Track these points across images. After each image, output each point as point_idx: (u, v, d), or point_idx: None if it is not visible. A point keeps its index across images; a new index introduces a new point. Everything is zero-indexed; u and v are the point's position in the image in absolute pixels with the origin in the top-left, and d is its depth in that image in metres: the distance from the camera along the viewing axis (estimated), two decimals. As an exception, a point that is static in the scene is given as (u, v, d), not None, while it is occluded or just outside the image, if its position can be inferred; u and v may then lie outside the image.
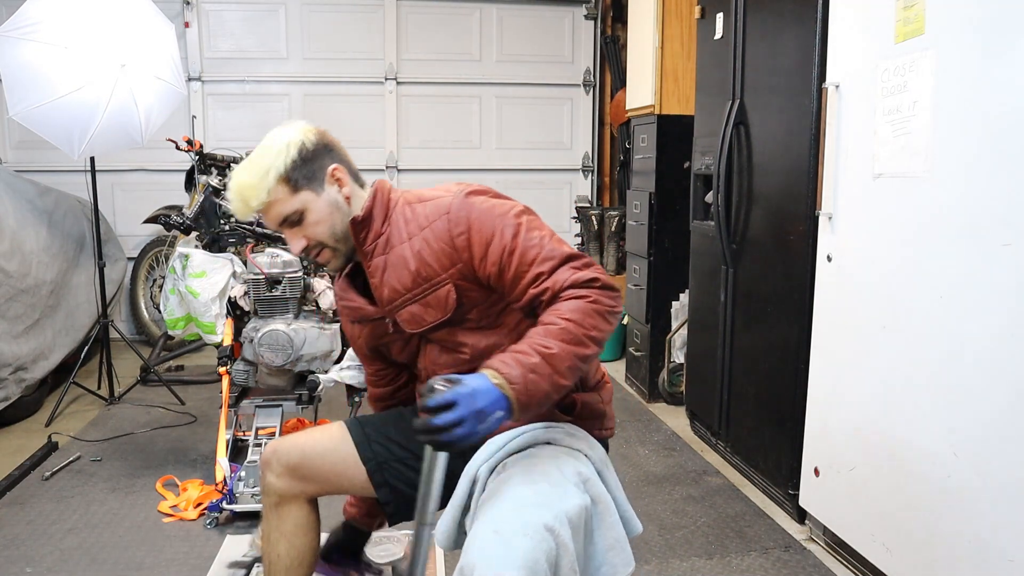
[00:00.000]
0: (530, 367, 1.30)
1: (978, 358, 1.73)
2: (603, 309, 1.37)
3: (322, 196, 1.48)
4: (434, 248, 1.45)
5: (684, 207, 3.47)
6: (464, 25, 5.30)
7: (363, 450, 1.62)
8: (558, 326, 1.34)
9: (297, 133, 1.49)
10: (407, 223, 1.49)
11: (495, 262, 1.42)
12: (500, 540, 1.23)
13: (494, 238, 1.42)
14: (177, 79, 3.37)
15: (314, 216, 1.48)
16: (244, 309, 2.85)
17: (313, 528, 1.68)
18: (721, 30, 3.05)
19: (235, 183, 1.47)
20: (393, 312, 1.52)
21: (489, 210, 1.44)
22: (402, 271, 1.48)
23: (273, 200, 1.46)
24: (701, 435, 3.39)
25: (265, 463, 1.65)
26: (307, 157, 1.47)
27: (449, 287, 1.45)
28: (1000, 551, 1.67)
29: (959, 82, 1.76)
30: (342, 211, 1.50)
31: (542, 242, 1.41)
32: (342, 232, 1.51)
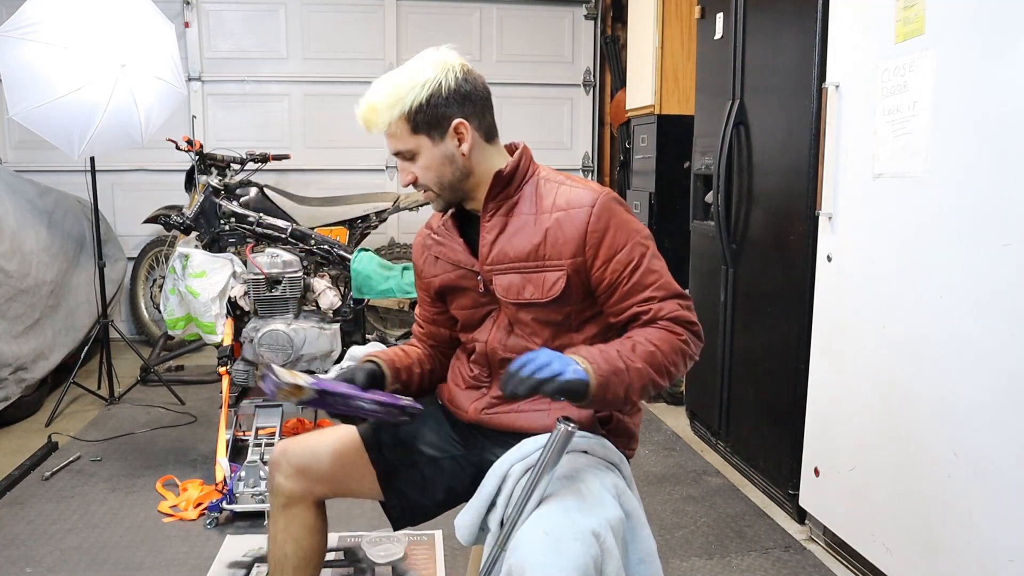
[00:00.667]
0: (614, 369, 1.33)
1: (978, 358, 1.73)
2: (688, 352, 1.42)
3: (438, 146, 1.46)
4: (566, 232, 1.45)
5: (684, 207, 3.48)
6: (464, 25, 5.30)
7: (373, 453, 1.60)
8: (647, 348, 1.38)
9: (441, 71, 1.44)
10: (541, 197, 1.49)
11: (616, 271, 1.44)
12: (551, 542, 1.22)
13: (623, 249, 1.44)
14: (177, 79, 3.37)
15: (425, 161, 1.47)
16: (244, 309, 2.86)
17: (320, 530, 1.66)
18: (721, 30, 3.06)
19: (366, 100, 1.46)
20: (490, 272, 1.51)
21: (628, 222, 1.47)
22: (522, 240, 1.47)
23: (392, 133, 1.46)
24: (701, 435, 3.39)
25: (274, 464, 1.63)
26: (437, 103, 1.43)
27: (562, 275, 1.45)
28: (1000, 551, 1.67)
29: (959, 82, 1.76)
30: (455, 164, 1.48)
31: (662, 271, 1.46)
32: (449, 182, 1.49)
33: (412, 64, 1.46)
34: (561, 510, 1.29)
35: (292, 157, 4.35)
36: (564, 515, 1.27)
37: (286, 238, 3.55)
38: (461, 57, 1.48)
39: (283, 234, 3.51)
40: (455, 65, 1.46)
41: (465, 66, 1.48)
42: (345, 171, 5.18)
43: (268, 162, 4.07)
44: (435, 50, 1.48)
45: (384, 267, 3.05)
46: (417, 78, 1.43)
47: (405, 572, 2.24)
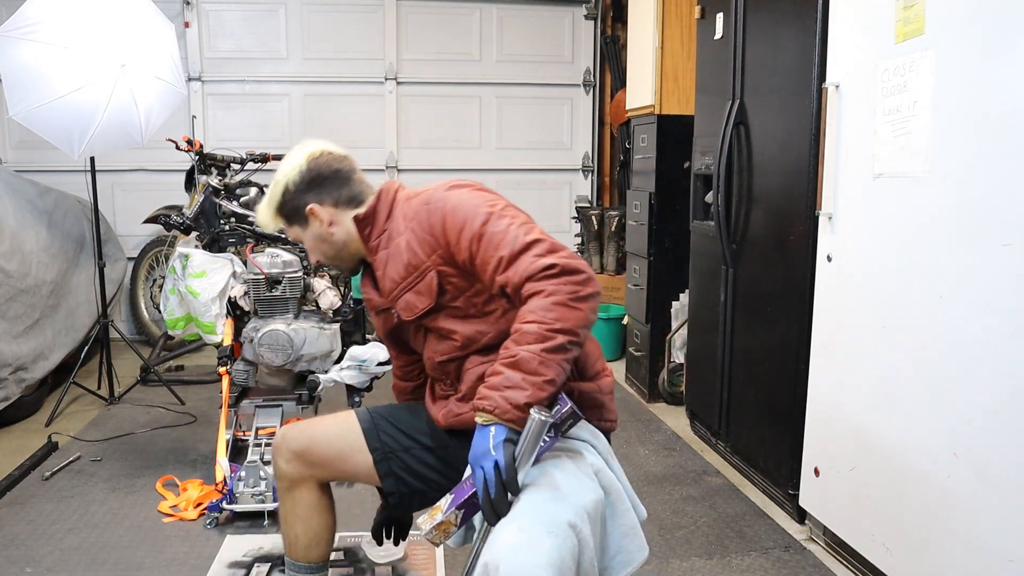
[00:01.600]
0: (504, 384, 1.35)
1: (978, 358, 1.73)
2: (564, 298, 1.37)
3: (308, 230, 1.67)
4: (419, 237, 1.54)
5: (684, 207, 3.48)
6: (464, 25, 5.30)
7: (370, 439, 1.68)
8: (520, 332, 1.38)
9: (289, 170, 1.65)
10: (403, 218, 1.60)
11: (466, 248, 1.48)
12: (525, 537, 1.23)
13: (465, 224, 1.48)
14: (177, 79, 3.37)
15: (307, 243, 1.70)
16: (244, 309, 2.85)
17: (327, 509, 1.77)
18: (721, 30, 3.06)
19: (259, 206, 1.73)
20: (393, 301, 1.62)
21: (464, 200, 1.52)
22: (398, 262, 1.58)
23: (281, 227, 1.72)
24: (701, 435, 3.39)
25: (275, 449, 1.74)
26: (289, 199, 1.65)
27: (432, 274, 1.53)
28: (1000, 551, 1.67)
29: (959, 82, 1.76)
30: (328, 241, 1.67)
31: (508, 229, 1.45)
32: (334, 254, 1.69)
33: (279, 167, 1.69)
34: (536, 504, 1.30)
35: (292, 157, 4.35)
36: (539, 508, 1.29)
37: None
38: (317, 143, 1.69)
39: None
40: (301, 159, 1.65)
41: (312, 155, 1.66)
42: (345, 171, 5.17)
43: (268, 162, 4.05)
44: (298, 146, 1.69)
45: (384, 267, 3.04)
46: (276, 180, 1.67)
47: (405, 572, 2.24)
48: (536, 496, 1.31)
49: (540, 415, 1.31)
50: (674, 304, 3.80)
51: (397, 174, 5.31)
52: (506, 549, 1.23)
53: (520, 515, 1.28)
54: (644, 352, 3.95)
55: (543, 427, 1.31)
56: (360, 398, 2.76)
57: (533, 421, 1.31)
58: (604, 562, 1.42)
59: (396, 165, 5.31)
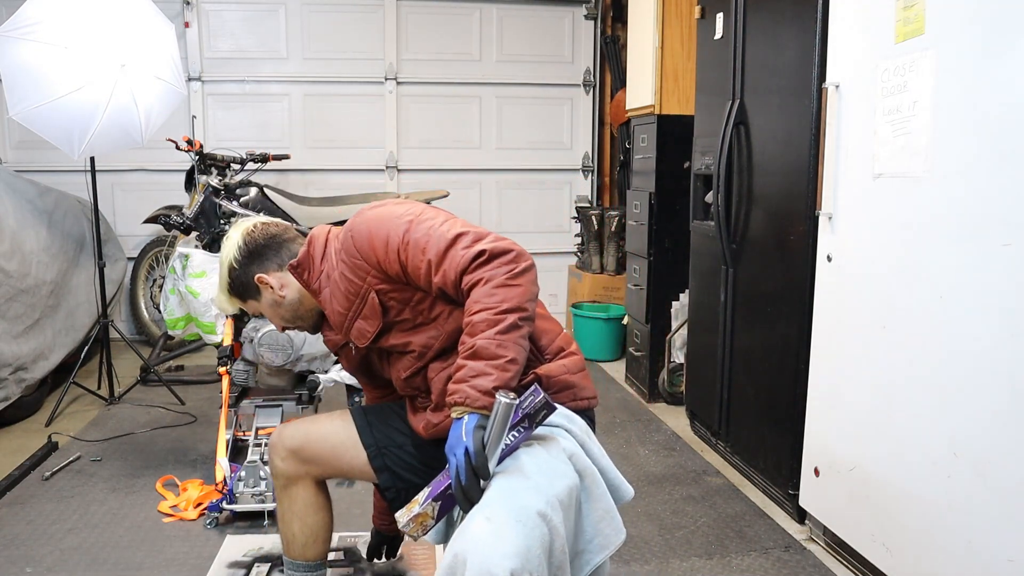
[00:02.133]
0: (468, 375, 1.38)
1: (978, 358, 1.73)
2: (502, 280, 1.41)
3: (262, 300, 1.74)
4: (349, 265, 1.58)
5: (684, 207, 3.48)
6: (464, 25, 5.30)
7: (364, 436, 1.71)
8: (471, 324, 1.41)
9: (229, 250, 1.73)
10: (335, 253, 1.64)
11: (394, 260, 1.51)
12: (492, 527, 1.24)
13: (389, 238, 1.52)
14: (177, 79, 3.37)
15: (266, 313, 1.76)
16: (244, 309, 2.85)
17: (323, 507, 1.80)
18: (721, 30, 3.06)
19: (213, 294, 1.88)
20: (347, 334, 1.67)
21: (381, 215, 1.56)
22: (338, 295, 1.62)
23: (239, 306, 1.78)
24: (701, 435, 3.39)
25: (272, 447, 1.78)
26: (236, 275, 1.73)
27: (372, 295, 1.57)
28: (1000, 551, 1.67)
29: (959, 82, 1.76)
30: (282, 304, 1.73)
31: (430, 231, 1.48)
32: (292, 316, 1.75)
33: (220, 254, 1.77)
34: (506, 492, 1.31)
35: (292, 157, 4.36)
36: (508, 498, 1.30)
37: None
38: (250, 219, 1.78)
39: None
40: (239, 236, 1.73)
41: (246, 229, 1.74)
42: (345, 171, 5.18)
43: (268, 162, 4.07)
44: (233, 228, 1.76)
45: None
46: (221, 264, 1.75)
47: (405, 572, 2.24)
48: (506, 485, 1.32)
49: (505, 398, 1.33)
50: (674, 304, 3.80)
51: (397, 174, 5.31)
52: (473, 539, 1.24)
53: (488, 505, 1.29)
54: (644, 352, 3.95)
55: (509, 409, 1.33)
56: (360, 398, 2.76)
57: (500, 404, 1.33)
58: (581, 545, 1.43)
59: (396, 165, 5.31)
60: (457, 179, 5.25)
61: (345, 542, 2.38)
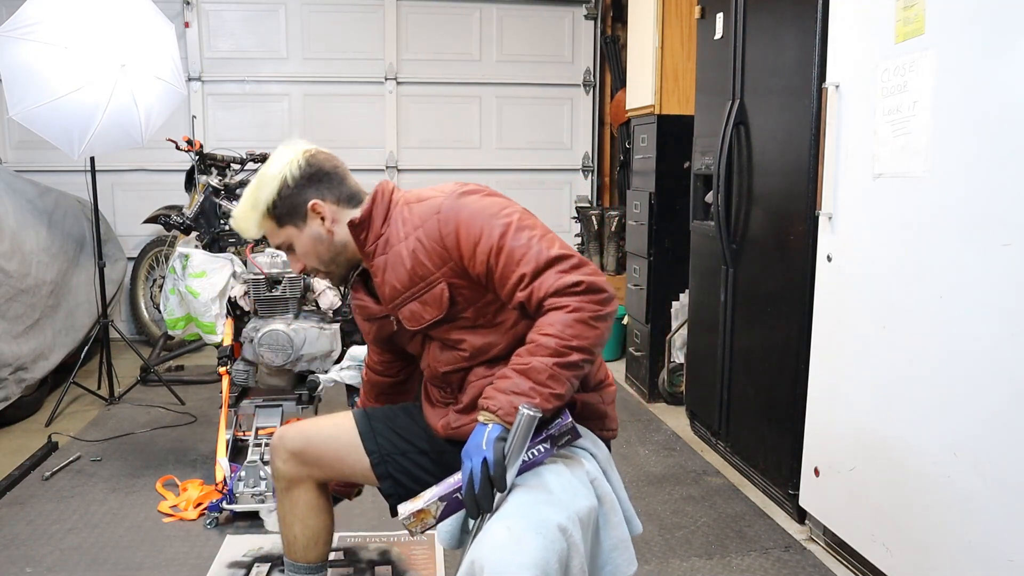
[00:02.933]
0: (511, 389, 1.36)
1: (978, 358, 1.73)
2: (585, 316, 1.37)
3: (304, 230, 1.56)
4: (427, 247, 1.47)
5: (684, 207, 3.48)
6: (464, 25, 5.30)
7: (367, 442, 1.68)
8: (536, 343, 1.37)
9: (284, 165, 1.54)
10: (404, 223, 1.52)
11: (483, 262, 1.43)
12: (512, 537, 1.23)
13: (481, 238, 1.43)
14: (177, 79, 3.37)
15: (301, 248, 1.58)
16: (244, 309, 2.85)
17: (324, 509, 1.77)
18: (721, 30, 3.06)
19: (235, 212, 1.59)
20: (395, 310, 1.57)
21: (479, 210, 1.45)
22: (400, 270, 1.51)
23: (266, 232, 1.58)
24: (701, 435, 3.39)
25: (273, 449, 1.74)
26: (287, 194, 1.54)
27: (443, 286, 1.48)
28: (1000, 551, 1.67)
29: (959, 82, 1.76)
30: (326, 241, 1.57)
31: (530, 243, 1.41)
32: (329, 258, 1.59)
33: (266, 165, 1.58)
34: (527, 504, 1.30)
35: (292, 157, 4.35)
36: (530, 509, 1.28)
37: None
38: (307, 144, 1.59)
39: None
40: (298, 154, 1.56)
41: (308, 151, 1.57)
42: (345, 171, 5.17)
43: (268, 162, 4.06)
44: (283, 146, 1.59)
45: (384, 267, 3.04)
46: (269, 175, 1.55)
47: (405, 572, 2.24)
48: (527, 498, 1.31)
49: (529, 411, 1.31)
50: (674, 304, 3.80)
51: (397, 174, 5.31)
52: (492, 548, 1.23)
53: (509, 515, 1.28)
54: (644, 352, 3.95)
55: (532, 423, 1.32)
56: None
57: (522, 417, 1.31)
58: (593, 572, 1.41)
59: (396, 165, 5.31)
60: (457, 179, 5.22)
61: (345, 542, 2.38)
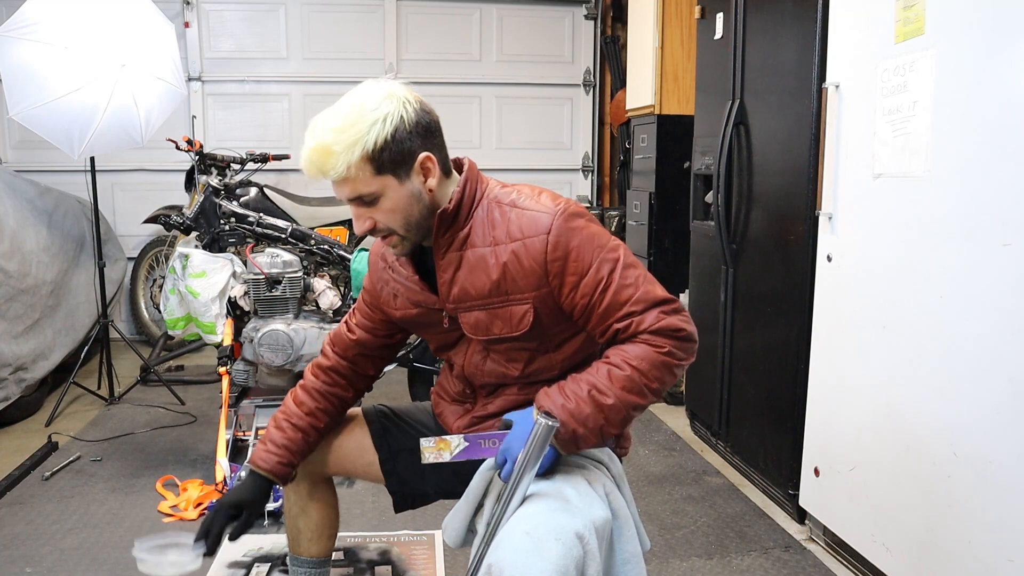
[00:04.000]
0: (581, 419, 1.32)
1: (978, 358, 1.73)
2: (673, 363, 1.34)
3: (405, 184, 1.34)
4: (524, 265, 1.36)
5: (684, 207, 3.48)
6: (464, 25, 5.30)
7: (377, 438, 1.66)
8: (623, 372, 1.33)
9: (398, 104, 1.30)
10: (495, 226, 1.39)
11: (586, 294, 1.35)
12: (532, 542, 1.22)
13: (590, 270, 1.34)
14: (177, 79, 3.37)
15: (390, 203, 1.34)
16: (244, 309, 2.86)
17: (329, 503, 1.77)
18: (721, 30, 3.06)
19: (315, 143, 1.30)
20: (457, 311, 1.44)
21: (589, 239, 1.36)
22: (480, 275, 1.39)
23: (351, 176, 1.30)
24: (701, 435, 3.39)
25: None
26: (401, 138, 1.30)
27: (528, 308, 1.38)
28: (1000, 551, 1.67)
29: (959, 82, 1.76)
30: (421, 203, 1.36)
31: (637, 281, 1.36)
32: (416, 222, 1.38)
33: (358, 99, 1.32)
34: (545, 510, 1.29)
35: (292, 157, 4.35)
36: (548, 515, 1.27)
37: (286, 238, 3.55)
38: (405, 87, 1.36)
39: (283, 234, 3.52)
40: (409, 96, 1.33)
41: (418, 97, 1.36)
42: (345, 171, 5.17)
43: (268, 162, 4.07)
44: (377, 82, 1.34)
45: (384, 267, 3.04)
46: (375, 114, 1.29)
47: (405, 572, 2.24)
48: (545, 505, 1.31)
49: (547, 421, 1.30)
50: (674, 304, 3.79)
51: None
52: (512, 552, 1.22)
53: (527, 520, 1.27)
54: (644, 352, 3.94)
55: (549, 432, 1.31)
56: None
57: (540, 427, 1.30)
58: None
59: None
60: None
61: (345, 542, 2.38)
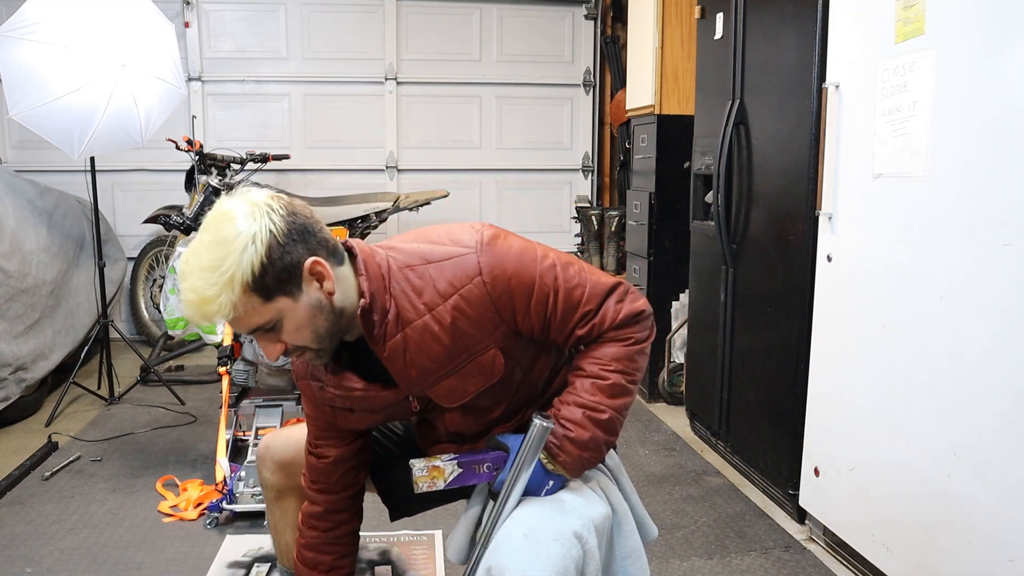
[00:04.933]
0: (582, 444, 1.34)
1: (978, 358, 1.73)
2: (641, 348, 1.38)
3: (301, 300, 1.21)
4: (471, 316, 1.29)
5: (684, 207, 3.48)
6: (464, 25, 5.30)
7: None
8: (607, 381, 1.34)
9: (262, 218, 1.18)
10: (420, 293, 1.29)
11: (540, 313, 1.32)
12: (531, 543, 1.22)
13: (535, 288, 1.30)
14: (177, 79, 3.37)
15: (293, 324, 1.22)
16: (244, 309, 2.85)
17: None
18: (721, 30, 3.06)
19: (188, 293, 1.17)
20: (423, 391, 1.37)
21: (519, 257, 1.30)
22: (432, 347, 1.31)
23: (242, 314, 1.18)
24: (701, 435, 3.39)
25: (259, 459, 1.69)
26: (278, 255, 1.17)
27: (494, 352, 1.33)
28: (1000, 551, 1.67)
29: (959, 82, 1.76)
30: (324, 310, 1.24)
31: (581, 277, 1.34)
32: (326, 331, 1.26)
33: (219, 230, 1.18)
34: (543, 511, 1.29)
35: (292, 157, 4.36)
36: (546, 516, 1.28)
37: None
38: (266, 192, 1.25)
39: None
40: (273, 204, 1.20)
41: (278, 197, 1.24)
42: (345, 171, 5.18)
43: (268, 162, 4.07)
44: (233, 200, 1.22)
45: (384, 267, 3.05)
46: (241, 239, 1.16)
47: (405, 572, 2.24)
48: (542, 507, 1.31)
49: (544, 422, 1.30)
50: (674, 304, 3.80)
51: (397, 174, 5.31)
52: (511, 554, 1.22)
53: (525, 522, 1.27)
54: (644, 352, 3.94)
55: (544, 433, 1.31)
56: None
57: (536, 428, 1.30)
58: None
59: (396, 165, 5.31)
60: (457, 179, 5.26)
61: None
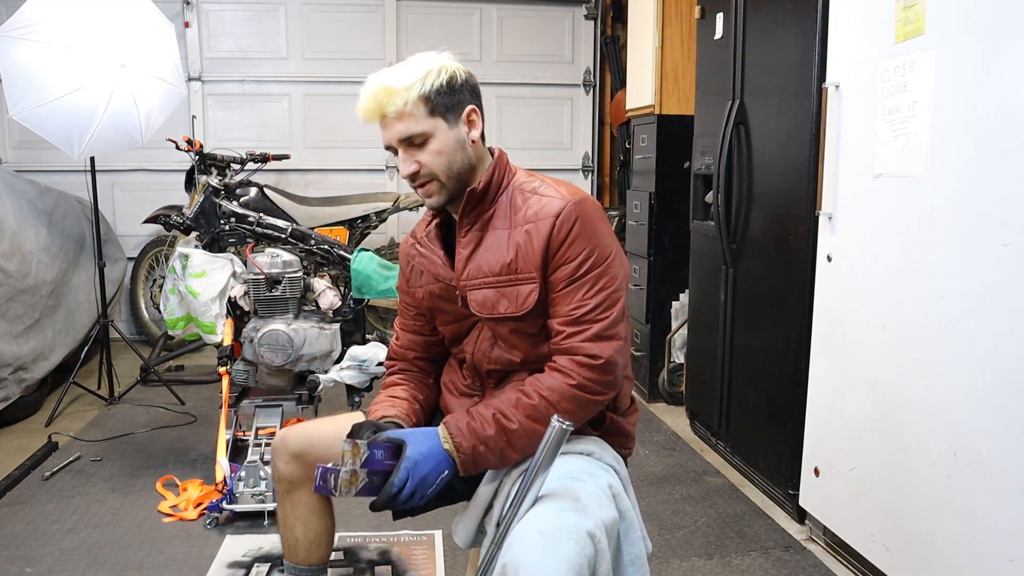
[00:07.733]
0: (483, 439, 1.38)
1: (978, 358, 1.73)
2: (584, 398, 1.40)
3: (452, 130, 1.46)
4: (534, 246, 1.43)
5: (684, 207, 3.48)
6: (464, 25, 5.30)
7: None
8: (530, 401, 1.39)
9: (451, 63, 1.47)
10: (516, 211, 1.48)
11: (558, 278, 1.42)
12: (546, 541, 1.23)
13: (576, 260, 1.41)
14: (177, 79, 3.36)
15: (437, 145, 1.45)
16: (244, 309, 2.85)
17: (326, 512, 1.75)
18: (721, 30, 3.06)
19: (375, 84, 1.44)
20: (467, 288, 1.51)
21: (591, 235, 1.43)
22: (495, 254, 1.47)
23: (407, 113, 1.43)
24: (701, 435, 3.39)
25: (274, 451, 1.71)
26: (455, 87, 1.45)
27: (534, 287, 1.44)
28: (1000, 551, 1.67)
29: (959, 82, 1.76)
30: (464, 151, 1.48)
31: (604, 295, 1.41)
32: (457, 170, 1.48)
33: (417, 58, 1.47)
34: (557, 510, 1.29)
35: (292, 157, 4.36)
36: (560, 515, 1.28)
37: (286, 238, 3.55)
38: None
39: (283, 234, 3.52)
40: (462, 66, 1.49)
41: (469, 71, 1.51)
42: (345, 171, 5.18)
43: (268, 162, 4.07)
44: (435, 53, 1.49)
45: (384, 267, 3.05)
46: (431, 65, 1.44)
47: (405, 572, 2.24)
48: (556, 505, 1.31)
49: (562, 424, 1.28)
50: (674, 304, 3.80)
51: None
52: (526, 551, 1.22)
53: (540, 520, 1.27)
54: (644, 352, 3.95)
55: (563, 436, 1.29)
56: (360, 398, 2.76)
57: (553, 430, 1.28)
58: None
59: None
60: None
61: (345, 542, 2.38)
